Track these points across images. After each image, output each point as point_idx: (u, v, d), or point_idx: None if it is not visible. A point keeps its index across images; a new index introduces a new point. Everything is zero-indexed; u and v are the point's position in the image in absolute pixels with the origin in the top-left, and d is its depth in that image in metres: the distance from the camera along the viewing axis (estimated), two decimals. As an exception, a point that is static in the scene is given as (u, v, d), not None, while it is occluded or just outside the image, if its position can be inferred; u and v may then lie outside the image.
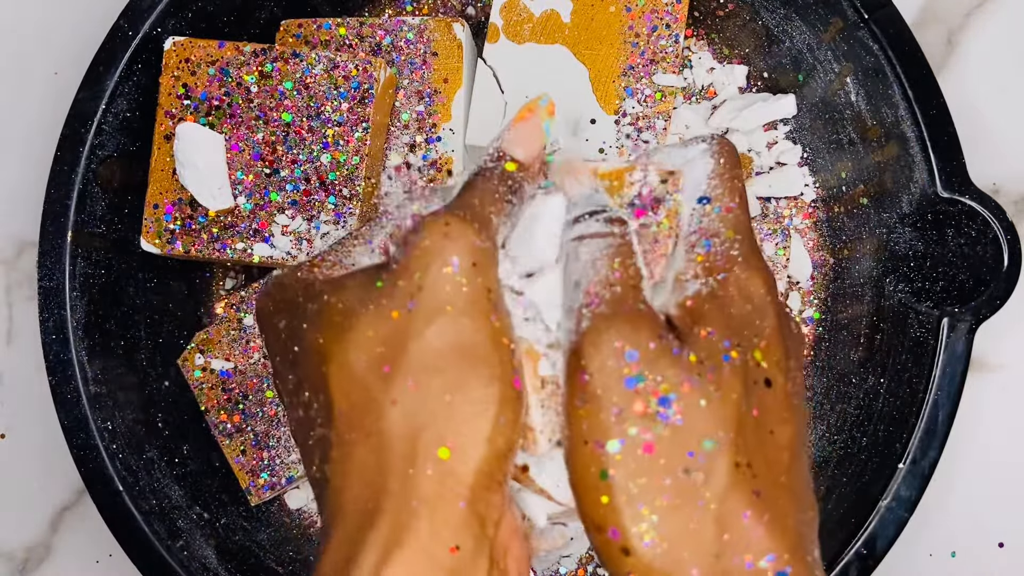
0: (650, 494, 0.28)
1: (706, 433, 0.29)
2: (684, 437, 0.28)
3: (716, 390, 0.29)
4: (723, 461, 0.29)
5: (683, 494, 0.28)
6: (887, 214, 0.51)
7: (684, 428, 0.29)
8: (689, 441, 0.29)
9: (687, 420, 0.29)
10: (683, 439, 0.28)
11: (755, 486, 0.29)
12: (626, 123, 0.52)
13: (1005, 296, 0.47)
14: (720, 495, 0.28)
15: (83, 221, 0.51)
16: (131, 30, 0.51)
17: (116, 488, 0.50)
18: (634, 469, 0.28)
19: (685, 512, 0.28)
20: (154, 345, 0.55)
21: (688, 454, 0.28)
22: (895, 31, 0.49)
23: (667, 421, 0.28)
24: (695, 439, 0.29)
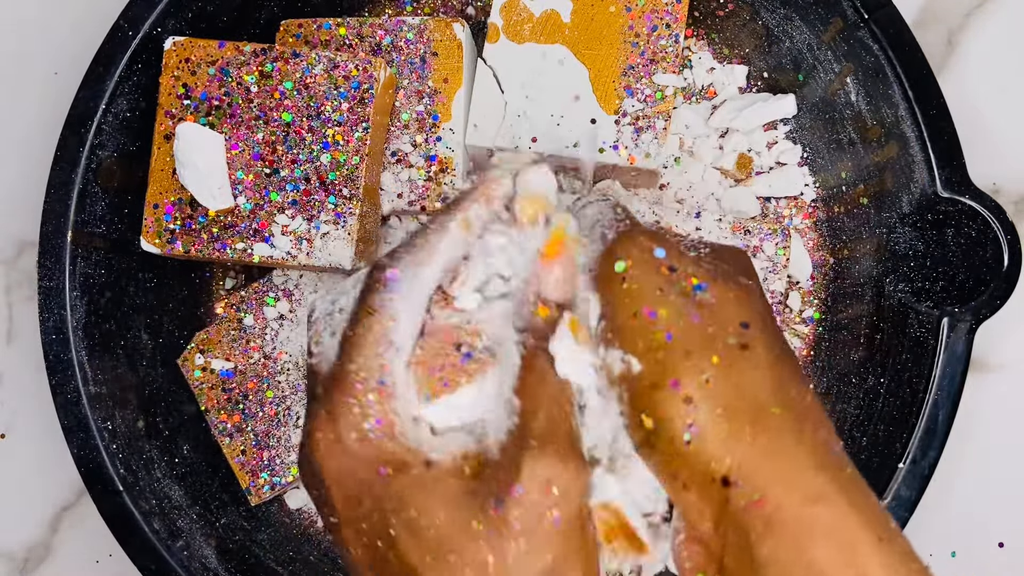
0: (706, 351, 0.31)
1: (741, 317, 0.32)
2: (723, 316, 0.31)
3: (742, 291, 0.32)
4: (761, 342, 0.31)
5: (732, 358, 0.31)
6: (887, 214, 0.51)
7: (719, 309, 0.31)
8: (728, 320, 0.31)
9: (720, 305, 0.32)
10: (722, 317, 0.31)
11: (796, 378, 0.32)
12: (626, 123, 0.52)
13: (1005, 296, 0.47)
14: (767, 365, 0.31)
15: (83, 221, 0.51)
16: (131, 30, 0.51)
17: (116, 488, 0.50)
18: (686, 330, 0.31)
19: (736, 370, 0.31)
20: (154, 345, 0.55)
21: (730, 329, 0.31)
22: (895, 31, 0.49)
23: (705, 301, 0.31)
24: (732, 320, 0.32)
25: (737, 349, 0.31)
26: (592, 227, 0.35)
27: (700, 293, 0.32)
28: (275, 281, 0.55)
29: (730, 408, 0.30)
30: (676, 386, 0.30)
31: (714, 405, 0.30)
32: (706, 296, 0.32)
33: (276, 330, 0.55)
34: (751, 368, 0.31)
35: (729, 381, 0.30)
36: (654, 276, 0.32)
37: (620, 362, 0.32)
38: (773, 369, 0.31)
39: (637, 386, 0.31)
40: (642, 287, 0.32)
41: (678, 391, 0.30)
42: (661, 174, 0.54)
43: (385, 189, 0.54)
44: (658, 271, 0.32)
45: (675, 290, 0.32)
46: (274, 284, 0.55)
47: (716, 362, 0.31)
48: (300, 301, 0.55)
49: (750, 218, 0.56)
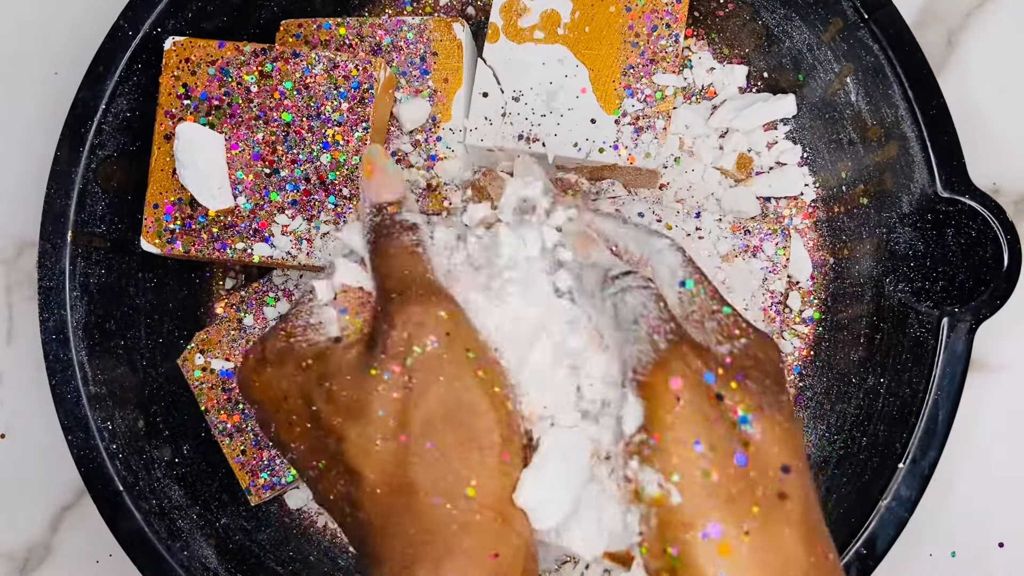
0: (748, 500, 0.31)
1: (782, 458, 0.32)
2: (766, 458, 0.32)
3: (785, 421, 0.32)
4: (798, 488, 0.32)
5: (771, 510, 0.31)
6: (887, 214, 0.51)
7: (764, 449, 0.32)
8: (770, 463, 0.32)
9: (765, 443, 0.32)
10: (765, 459, 0.32)
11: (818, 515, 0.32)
12: (626, 123, 0.52)
13: (1005, 296, 0.47)
14: (799, 519, 0.31)
15: (83, 221, 0.51)
16: (131, 30, 0.51)
17: (116, 488, 0.50)
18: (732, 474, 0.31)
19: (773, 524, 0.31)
20: (154, 345, 0.55)
21: (771, 474, 0.31)
22: (895, 31, 0.49)
23: (751, 437, 0.31)
24: (774, 463, 0.32)
25: (776, 499, 0.31)
26: (635, 321, 0.34)
27: (746, 427, 0.32)
28: (275, 281, 0.55)
29: (762, 565, 0.31)
30: (716, 532, 0.31)
31: (750, 563, 0.31)
32: (752, 431, 0.32)
33: (276, 330, 0.55)
34: (786, 523, 0.31)
35: (765, 535, 0.31)
36: (704, 404, 0.32)
37: (658, 487, 0.32)
38: (805, 522, 0.32)
39: (671, 518, 0.31)
40: (693, 414, 0.32)
41: (716, 538, 0.31)
42: (661, 174, 0.54)
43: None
44: (708, 398, 0.32)
45: (724, 423, 0.32)
46: (274, 284, 0.55)
47: (756, 513, 0.31)
48: (300, 301, 0.55)
49: (750, 218, 0.56)
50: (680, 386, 0.32)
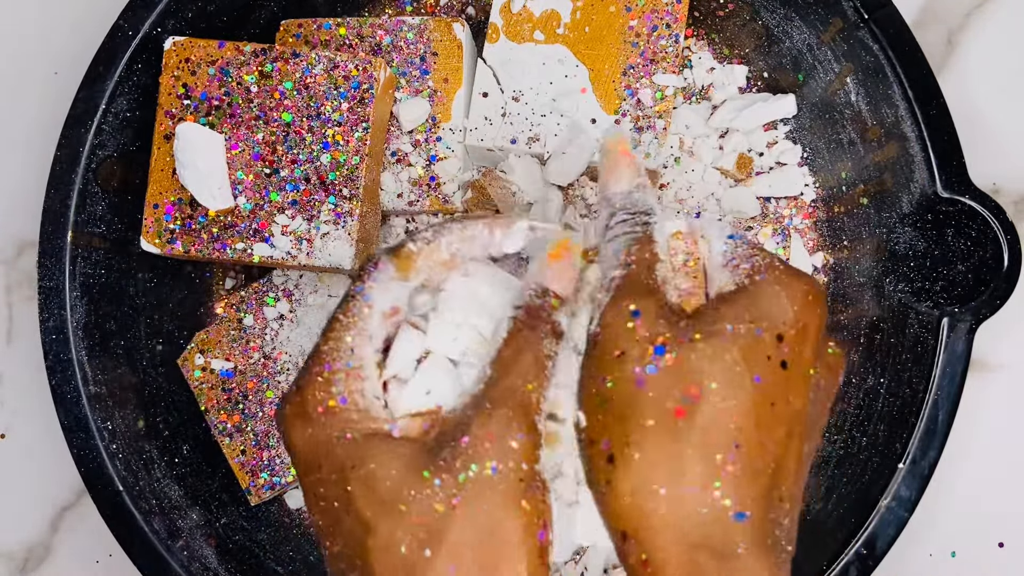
0: (639, 418, 0.32)
1: (693, 381, 0.32)
2: (672, 380, 0.32)
3: (708, 348, 0.32)
4: (708, 407, 0.32)
5: (665, 425, 0.32)
6: (887, 214, 0.51)
7: (673, 372, 0.32)
8: (676, 385, 0.32)
9: (677, 367, 0.32)
10: (671, 382, 0.32)
11: (737, 439, 0.32)
12: (626, 123, 0.52)
13: (1005, 296, 0.47)
14: (701, 432, 0.31)
15: (83, 221, 0.51)
16: (131, 30, 0.51)
17: (116, 488, 0.50)
18: (626, 398, 0.32)
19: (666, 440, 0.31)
20: (154, 345, 0.55)
21: (677, 395, 0.32)
22: (895, 31, 0.49)
23: (659, 364, 0.32)
24: (682, 384, 0.32)
25: (671, 416, 0.32)
26: (607, 269, 0.36)
27: (657, 356, 0.32)
28: (275, 281, 0.55)
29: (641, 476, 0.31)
30: (606, 446, 0.32)
31: (628, 468, 0.32)
32: (662, 359, 0.32)
33: (276, 330, 0.55)
34: (678, 436, 0.31)
35: (652, 448, 0.31)
36: (619, 340, 0.33)
37: (578, 415, 0.34)
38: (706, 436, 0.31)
39: (582, 438, 0.34)
40: (603, 352, 0.33)
41: (605, 450, 0.32)
42: (661, 174, 0.54)
43: (385, 189, 0.54)
44: (623, 332, 0.33)
45: (631, 356, 0.33)
46: (274, 284, 0.55)
47: (645, 426, 0.32)
48: (300, 301, 0.55)
49: (750, 218, 0.56)
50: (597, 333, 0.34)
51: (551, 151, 0.53)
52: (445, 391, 0.37)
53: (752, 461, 0.32)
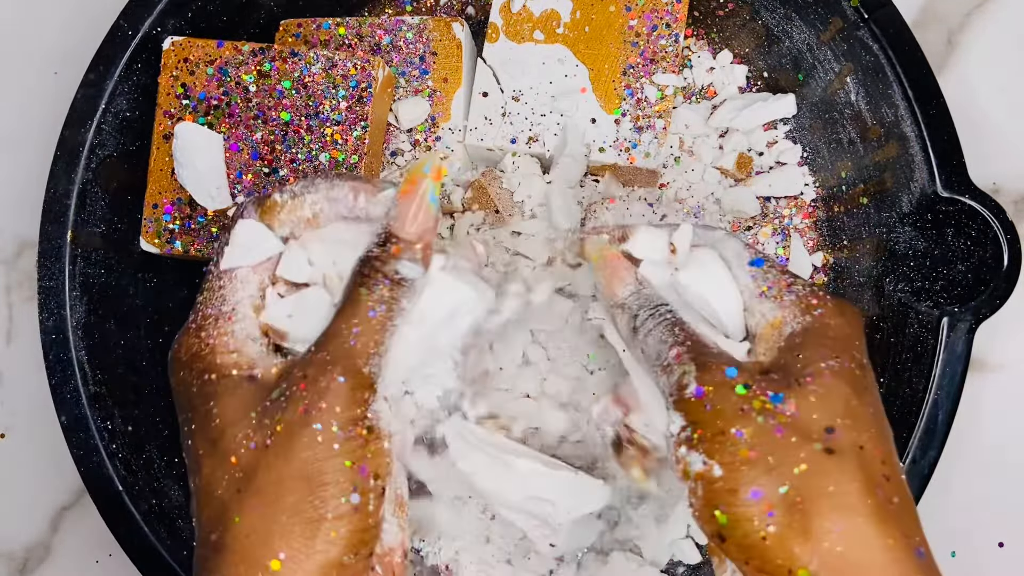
0: (789, 463, 0.32)
1: (824, 421, 0.33)
2: (805, 425, 0.33)
3: (821, 388, 0.34)
4: (848, 443, 0.33)
5: (820, 466, 0.32)
6: (887, 214, 0.51)
7: (802, 417, 0.33)
8: (811, 428, 0.33)
9: (802, 412, 0.33)
10: (805, 426, 0.33)
11: (883, 471, 0.33)
12: (626, 123, 0.52)
13: (1005, 296, 0.47)
14: (855, 468, 0.32)
15: (83, 221, 0.51)
16: (131, 30, 0.51)
17: (116, 488, 0.50)
18: (769, 446, 0.33)
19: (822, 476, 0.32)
20: (154, 345, 0.55)
21: (814, 437, 0.33)
22: (895, 31, 0.49)
23: (785, 411, 0.33)
24: (816, 427, 0.33)
25: (823, 455, 0.32)
26: (657, 357, 0.37)
27: (779, 404, 0.33)
28: (275, 281, 0.55)
29: (813, 516, 0.31)
30: (756, 496, 0.32)
31: (794, 513, 0.32)
32: (785, 407, 0.33)
33: (276, 330, 0.55)
34: (837, 473, 0.32)
35: (815, 489, 0.32)
36: (732, 397, 0.34)
37: (702, 464, 0.34)
38: (861, 469, 0.32)
39: (715, 487, 0.33)
40: (724, 408, 0.34)
41: (757, 500, 0.32)
42: (661, 174, 0.54)
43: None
44: (733, 391, 0.34)
45: (754, 408, 0.33)
46: (274, 284, 0.55)
47: (800, 472, 0.32)
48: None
49: (750, 218, 0.56)
50: (704, 393, 0.34)
51: (552, 156, 0.53)
52: (303, 324, 0.37)
53: (901, 488, 0.33)
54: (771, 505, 0.32)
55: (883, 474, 0.33)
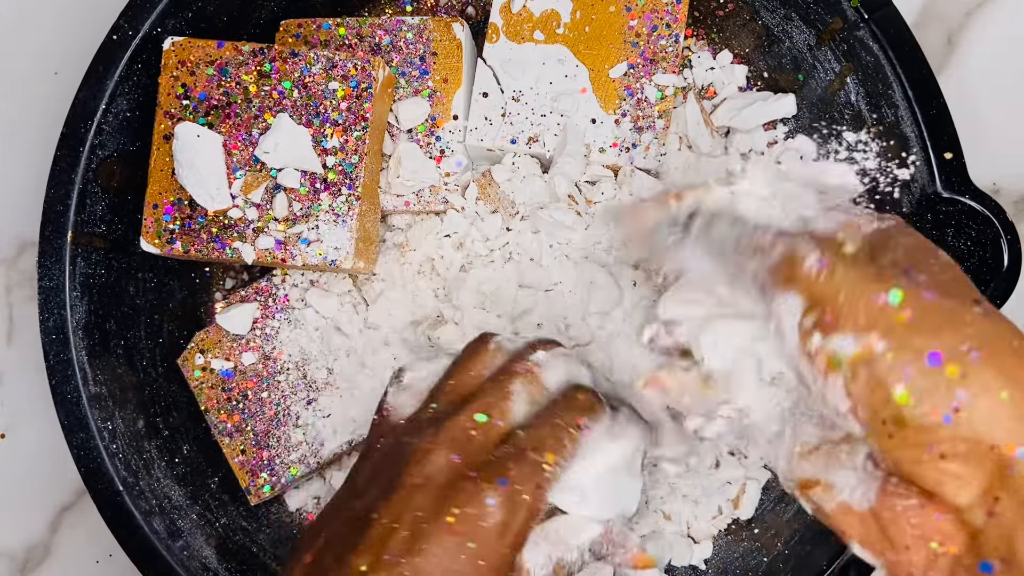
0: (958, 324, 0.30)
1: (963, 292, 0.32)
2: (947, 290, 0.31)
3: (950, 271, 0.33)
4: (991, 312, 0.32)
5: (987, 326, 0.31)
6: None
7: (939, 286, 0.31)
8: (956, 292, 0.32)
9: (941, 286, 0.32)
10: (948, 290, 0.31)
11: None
12: (626, 123, 0.52)
13: (1005, 296, 0.47)
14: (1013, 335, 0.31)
15: (83, 221, 0.51)
16: (131, 30, 0.51)
17: (116, 488, 0.50)
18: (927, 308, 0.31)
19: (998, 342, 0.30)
20: (154, 345, 0.55)
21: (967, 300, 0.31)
22: (895, 31, 0.49)
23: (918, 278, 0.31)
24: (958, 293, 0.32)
25: (983, 318, 0.30)
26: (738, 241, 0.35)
27: (914, 272, 0.31)
28: (275, 281, 0.55)
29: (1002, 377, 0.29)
30: (935, 359, 0.30)
31: (984, 375, 0.29)
32: (918, 274, 0.31)
33: (276, 330, 0.55)
34: (1010, 333, 0.30)
35: (993, 349, 0.30)
36: (856, 261, 0.32)
37: (853, 344, 0.31)
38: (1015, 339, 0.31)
39: (884, 362, 0.30)
40: (859, 276, 0.31)
41: (940, 365, 0.30)
42: (661, 174, 0.54)
43: (384, 189, 0.54)
44: (865, 255, 0.32)
45: (886, 270, 0.31)
46: (274, 284, 0.55)
47: (970, 333, 0.30)
48: (300, 301, 0.55)
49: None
50: (827, 262, 0.32)
51: (552, 156, 0.53)
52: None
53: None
54: (959, 367, 0.29)
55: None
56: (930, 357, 0.30)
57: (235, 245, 0.50)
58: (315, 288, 0.55)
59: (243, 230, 0.50)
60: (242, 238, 0.50)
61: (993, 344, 0.30)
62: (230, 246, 0.50)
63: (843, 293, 0.31)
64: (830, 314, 0.31)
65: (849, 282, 0.31)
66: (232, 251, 0.50)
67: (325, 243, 0.50)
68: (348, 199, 0.50)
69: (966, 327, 0.30)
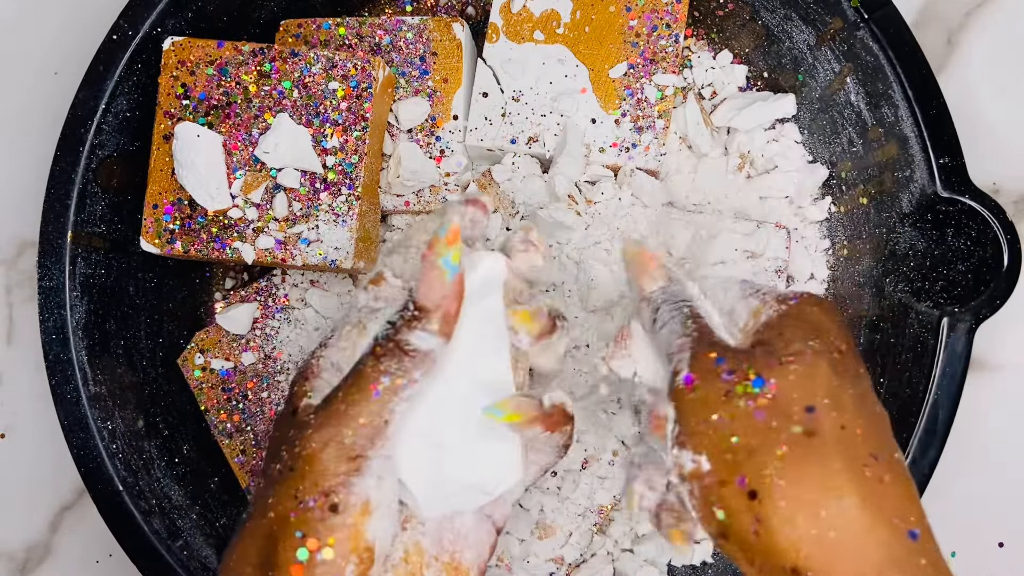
0: (771, 446, 0.32)
1: (805, 400, 0.32)
2: (785, 406, 0.33)
3: (800, 367, 0.33)
4: (830, 423, 0.32)
5: (799, 448, 0.32)
6: (887, 214, 0.51)
7: (781, 400, 0.32)
8: (791, 410, 0.33)
9: (782, 393, 0.33)
10: (785, 407, 0.33)
11: (871, 449, 0.32)
12: (626, 123, 0.52)
13: (1005, 296, 0.47)
14: (836, 447, 0.32)
15: (83, 221, 0.51)
16: (131, 30, 0.51)
17: (116, 488, 0.50)
18: (750, 430, 0.32)
19: (804, 459, 0.32)
20: (154, 345, 0.55)
21: (797, 417, 0.32)
22: (895, 31, 0.49)
23: (766, 394, 0.33)
24: (796, 408, 0.32)
25: (804, 438, 0.32)
26: (668, 346, 0.37)
27: (760, 388, 0.33)
28: (275, 281, 0.55)
29: (796, 501, 0.31)
30: (742, 483, 0.32)
31: (778, 499, 0.31)
32: (766, 388, 0.33)
33: (276, 330, 0.55)
34: (819, 455, 0.32)
35: (796, 472, 0.31)
36: (717, 383, 0.34)
37: (691, 462, 0.34)
38: (845, 450, 0.32)
39: (707, 482, 0.33)
40: (707, 395, 0.34)
41: (743, 487, 0.32)
42: (661, 174, 0.54)
43: (384, 188, 0.54)
44: (719, 378, 0.34)
45: (736, 392, 0.33)
46: (274, 284, 0.55)
47: (781, 455, 0.32)
48: (300, 300, 0.55)
49: (751, 218, 0.56)
50: (692, 380, 0.34)
51: (552, 156, 0.53)
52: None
53: (893, 467, 0.33)
54: (755, 492, 0.32)
55: (870, 453, 0.32)
56: (739, 481, 0.32)
57: (235, 245, 0.50)
58: (315, 288, 0.55)
59: (243, 230, 0.50)
60: (242, 238, 0.50)
61: (793, 471, 0.31)
62: (230, 246, 0.50)
63: (699, 411, 0.34)
64: (682, 429, 0.34)
65: (701, 402, 0.34)
66: (232, 251, 0.50)
67: (325, 243, 0.50)
68: (348, 199, 0.50)
69: (777, 448, 0.32)
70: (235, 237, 0.50)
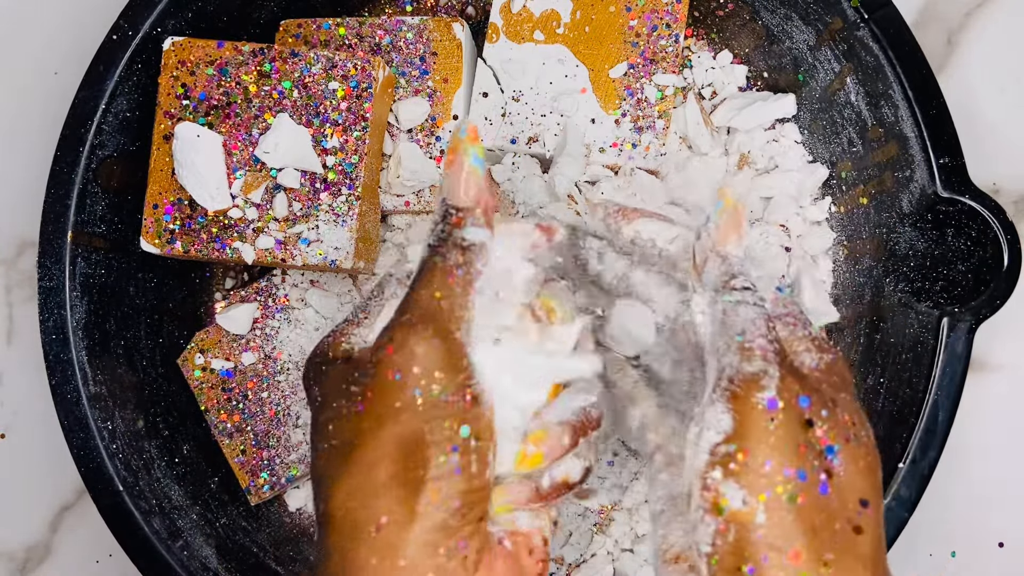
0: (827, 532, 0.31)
1: (863, 492, 0.32)
2: (848, 490, 0.32)
3: (868, 455, 0.33)
4: (872, 523, 0.32)
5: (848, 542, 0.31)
6: (887, 214, 0.51)
7: (846, 481, 0.32)
8: (851, 496, 0.32)
9: (848, 476, 0.32)
10: (847, 492, 0.32)
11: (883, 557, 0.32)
12: (626, 123, 0.52)
13: (1005, 296, 0.47)
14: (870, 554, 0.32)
15: (83, 221, 0.51)
16: (131, 30, 0.51)
17: (116, 488, 0.50)
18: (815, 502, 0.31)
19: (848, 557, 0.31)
20: (154, 345, 0.55)
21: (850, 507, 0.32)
22: (895, 31, 0.49)
23: (834, 467, 0.32)
24: (854, 496, 0.32)
25: (852, 533, 0.31)
26: (741, 332, 0.35)
27: (831, 458, 0.32)
28: (275, 281, 0.55)
29: None
30: (796, 560, 0.31)
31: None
32: (837, 463, 0.32)
33: (276, 330, 0.55)
34: (859, 559, 0.31)
35: (842, 569, 0.31)
36: (796, 428, 0.32)
37: (742, 503, 0.32)
38: (874, 559, 0.32)
39: (752, 537, 0.31)
40: (785, 437, 0.32)
41: (795, 566, 0.31)
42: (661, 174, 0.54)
43: (384, 188, 0.54)
44: (800, 423, 0.32)
45: (812, 450, 0.32)
46: (274, 284, 0.55)
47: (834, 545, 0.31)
48: (300, 300, 0.55)
49: (751, 218, 0.56)
50: (778, 408, 0.32)
51: (552, 156, 0.53)
52: None
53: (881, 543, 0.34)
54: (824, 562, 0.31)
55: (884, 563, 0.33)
56: (792, 555, 0.31)
57: (235, 245, 0.50)
58: (315, 288, 0.55)
59: (243, 230, 0.50)
60: (242, 238, 0.50)
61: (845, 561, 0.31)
62: (230, 246, 0.50)
63: (767, 450, 0.32)
64: (743, 457, 0.32)
65: (776, 442, 0.32)
66: (232, 251, 0.50)
67: (325, 243, 0.50)
68: (348, 199, 0.50)
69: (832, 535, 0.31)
70: (235, 237, 0.50)
